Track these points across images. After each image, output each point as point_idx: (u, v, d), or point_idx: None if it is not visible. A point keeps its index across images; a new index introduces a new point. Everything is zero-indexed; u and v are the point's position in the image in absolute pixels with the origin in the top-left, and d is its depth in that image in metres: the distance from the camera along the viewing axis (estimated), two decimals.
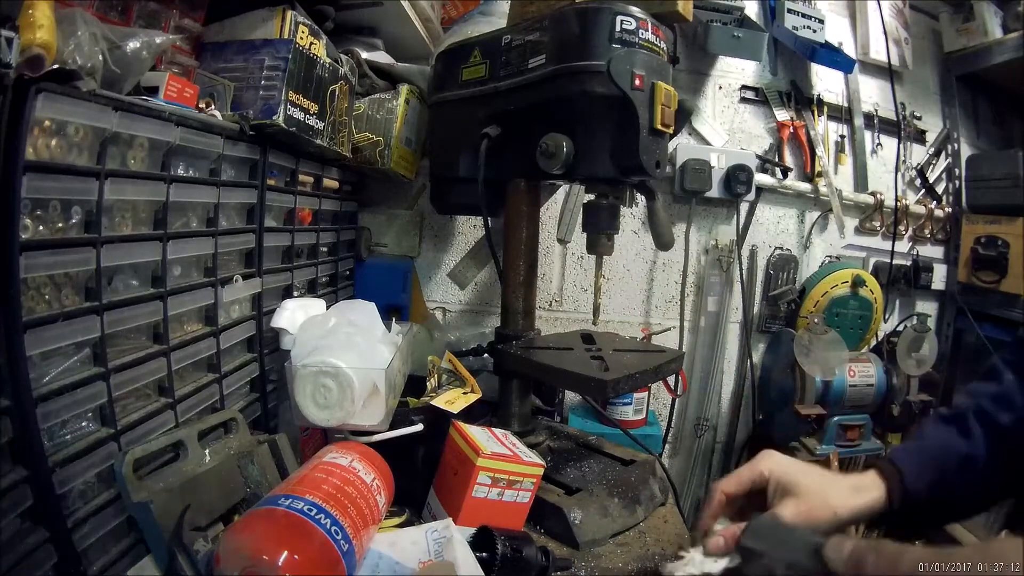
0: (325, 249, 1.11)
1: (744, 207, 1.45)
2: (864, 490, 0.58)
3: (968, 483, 0.57)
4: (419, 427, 0.75)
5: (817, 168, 1.46)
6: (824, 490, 0.56)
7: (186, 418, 0.66)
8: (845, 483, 0.58)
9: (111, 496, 0.55)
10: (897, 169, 1.52)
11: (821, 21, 1.41)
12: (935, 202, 1.57)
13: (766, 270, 1.48)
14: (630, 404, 1.26)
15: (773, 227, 1.49)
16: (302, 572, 0.45)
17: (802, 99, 1.48)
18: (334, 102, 0.90)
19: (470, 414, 0.85)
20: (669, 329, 1.42)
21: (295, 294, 0.94)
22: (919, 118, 1.58)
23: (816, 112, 1.48)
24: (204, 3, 0.77)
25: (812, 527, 0.53)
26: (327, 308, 0.87)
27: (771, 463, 0.59)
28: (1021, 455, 0.56)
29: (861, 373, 1.35)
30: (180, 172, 0.66)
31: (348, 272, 1.25)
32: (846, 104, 1.52)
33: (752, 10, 1.43)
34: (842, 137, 1.52)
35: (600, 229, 0.83)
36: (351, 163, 1.08)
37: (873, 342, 1.48)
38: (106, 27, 0.56)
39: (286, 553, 0.45)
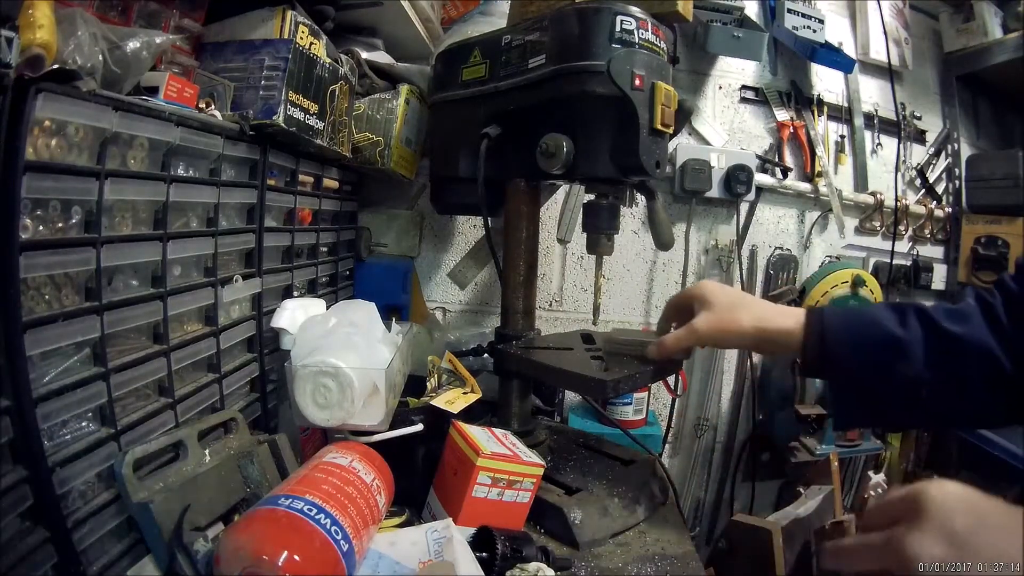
0: (325, 249, 1.11)
1: (744, 207, 1.46)
2: (780, 317, 0.61)
3: (890, 369, 0.55)
4: (419, 427, 0.75)
5: (817, 168, 1.46)
6: (736, 306, 0.62)
7: (186, 418, 0.66)
8: (763, 307, 0.62)
9: (111, 496, 0.55)
10: (897, 169, 1.52)
11: (821, 21, 1.41)
12: (935, 202, 1.58)
13: (766, 270, 1.48)
14: (630, 404, 1.26)
15: (773, 227, 1.49)
16: (302, 572, 0.45)
17: (802, 99, 1.48)
18: (334, 102, 0.90)
19: (470, 414, 0.85)
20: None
21: (295, 294, 0.94)
22: (919, 118, 1.58)
23: (816, 112, 1.48)
24: (204, 3, 0.77)
25: (720, 336, 0.62)
26: (327, 308, 0.87)
27: (703, 283, 0.67)
28: (961, 373, 0.53)
29: None
30: (180, 172, 0.66)
31: (348, 272, 1.25)
32: (846, 104, 1.52)
33: (752, 10, 1.43)
34: (842, 137, 1.52)
35: (600, 229, 0.83)
36: (351, 163, 1.08)
37: None
38: (106, 27, 0.56)
39: (286, 553, 0.45)
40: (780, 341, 0.61)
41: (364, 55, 1.09)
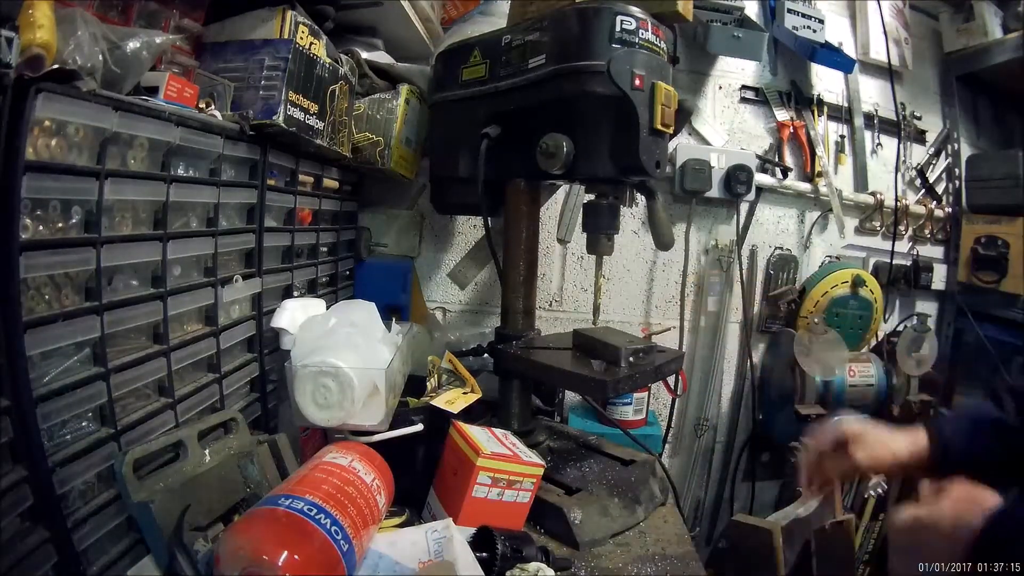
0: (325, 249, 1.11)
1: (744, 207, 1.45)
2: (913, 439, 0.71)
3: (1000, 444, 0.67)
4: (419, 427, 0.75)
5: (817, 168, 1.46)
6: (885, 439, 0.72)
7: (186, 418, 0.66)
8: (901, 434, 0.73)
9: (111, 496, 0.55)
10: (897, 169, 1.52)
11: (821, 21, 1.41)
12: (935, 202, 1.57)
13: (766, 270, 1.48)
14: (630, 404, 1.26)
15: (773, 227, 1.49)
16: (302, 572, 0.45)
17: (802, 99, 1.48)
18: (334, 102, 0.90)
19: (470, 414, 0.85)
20: (669, 329, 1.42)
21: (295, 294, 0.94)
22: (919, 118, 1.58)
23: (816, 112, 1.48)
24: (204, 3, 0.77)
25: (878, 466, 0.71)
26: (327, 308, 0.87)
27: (847, 423, 0.75)
28: None
29: (861, 373, 1.35)
30: (180, 172, 0.66)
31: (348, 272, 1.25)
32: (846, 104, 1.52)
33: (752, 10, 1.43)
34: (842, 137, 1.52)
35: (600, 229, 0.83)
36: (351, 163, 1.08)
37: (873, 342, 1.48)
38: (106, 27, 0.56)
39: (286, 553, 0.45)
40: (917, 460, 0.71)
41: (364, 55, 1.09)
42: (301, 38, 0.78)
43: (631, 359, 0.78)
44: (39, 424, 0.47)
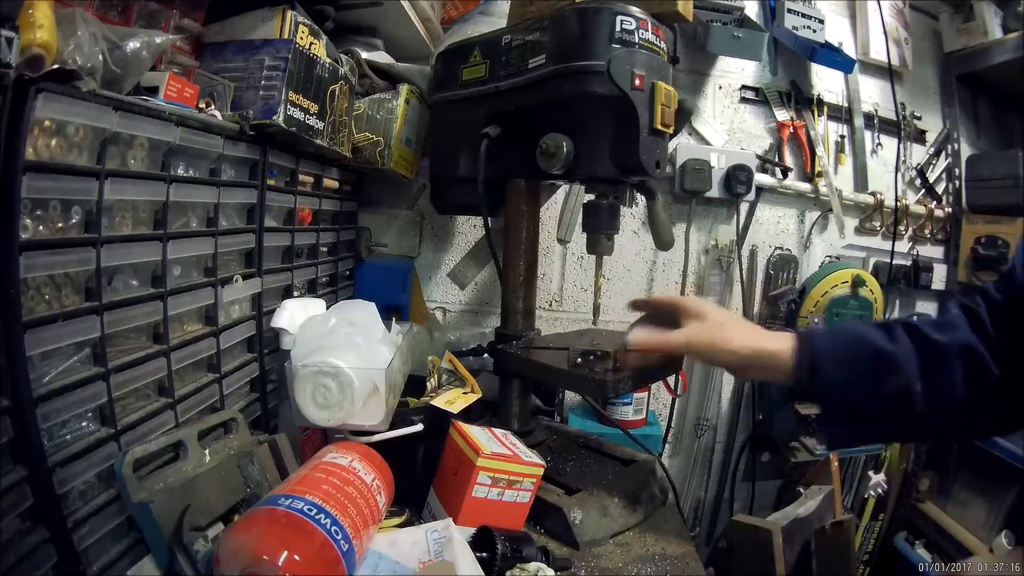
0: (325, 249, 1.11)
1: (744, 207, 1.45)
2: (771, 340, 0.60)
3: (882, 383, 0.55)
4: (419, 427, 0.75)
5: (817, 168, 1.46)
6: (728, 325, 0.61)
7: (186, 418, 0.66)
8: (754, 329, 0.62)
9: (111, 496, 0.55)
10: (897, 169, 1.52)
11: (821, 21, 1.41)
12: (935, 202, 1.57)
13: (766, 270, 1.48)
14: (630, 404, 1.26)
15: (773, 227, 1.49)
16: (302, 572, 0.45)
17: (802, 99, 1.48)
18: (334, 102, 0.90)
19: (470, 414, 0.85)
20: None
21: (295, 294, 0.94)
22: (919, 118, 1.58)
23: (816, 112, 1.48)
24: (204, 3, 0.77)
25: (708, 351, 0.61)
26: (327, 308, 0.87)
27: (694, 298, 0.66)
28: (951, 381, 0.54)
29: None
30: (180, 172, 0.66)
31: (348, 272, 1.25)
32: (846, 104, 1.52)
33: (752, 10, 1.43)
34: (842, 137, 1.52)
35: (600, 229, 0.83)
36: (351, 163, 1.08)
37: None
38: (106, 27, 0.56)
39: (286, 553, 0.45)
40: (769, 364, 0.60)
41: (364, 55, 1.09)
42: (301, 38, 0.78)
43: (578, 360, 0.77)
44: (39, 424, 0.47)
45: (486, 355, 0.99)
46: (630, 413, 1.26)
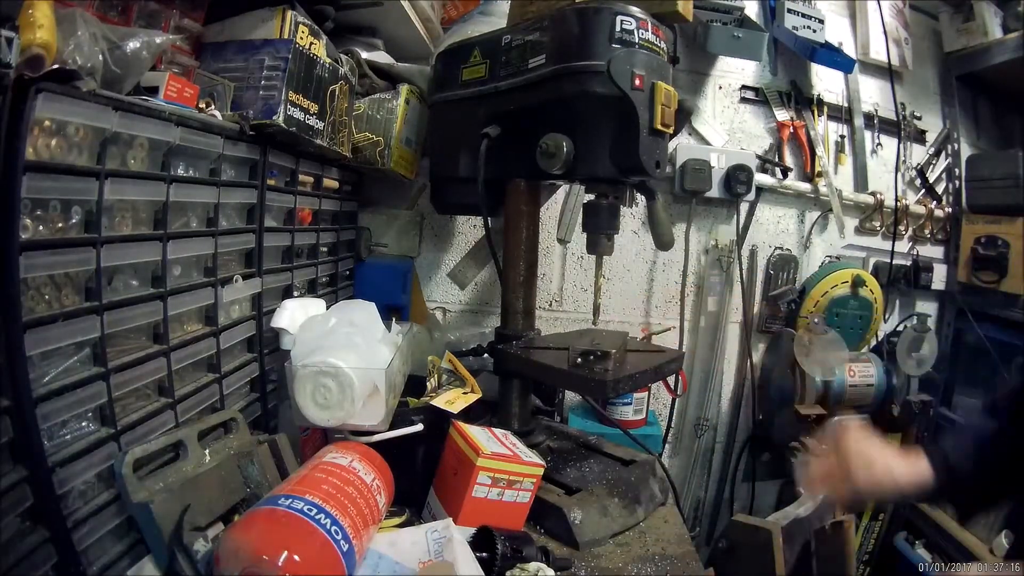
0: (325, 249, 1.11)
1: (744, 207, 1.45)
2: (915, 465, 0.70)
3: (1003, 456, 0.67)
4: (419, 427, 0.75)
5: (817, 168, 1.46)
6: (888, 463, 0.71)
7: (186, 418, 0.66)
8: (901, 459, 0.71)
9: (111, 496, 0.55)
10: (897, 169, 1.52)
11: (821, 21, 1.41)
12: (935, 202, 1.57)
13: (766, 270, 1.48)
14: (630, 404, 1.26)
15: (773, 227, 1.49)
16: (302, 572, 0.45)
17: (802, 99, 1.48)
18: (334, 102, 0.90)
19: (470, 414, 0.85)
20: (669, 329, 1.42)
21: (295, 294, 0.94)
22: (919, 118, 1.58)
23: (816, 112, 1.48)
24: (204, 3, 0.77)
25: (876, 492, 0.71)
26: (327, 308, 0.87)
27: (849, 429, 0.74)
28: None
29: (861, 373, 1.35)
30: (180, 172, 0.66)
31: (348, 272, 1.25)
32: (846, 104, 1.52)
33: (752, 10, 1.43)
34: (842, 137, 1.52)
35: (600, 229, 0.83)
36: (351, 163, 1.08)
37: (873, 342, 1.48)
38: (106, 27, 0.56)
39: (286, 553, 0.45)
40: (918, 484, 0.70)
41: (364, 55, 1.09)
42: (301, 38, 0.78)
43: (578, 360, 0.78)
44: (39, 424, 0.47)
45: (486, 355, 0.99)
46: (630, 413, 1.26)
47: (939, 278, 1.54)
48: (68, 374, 0.51)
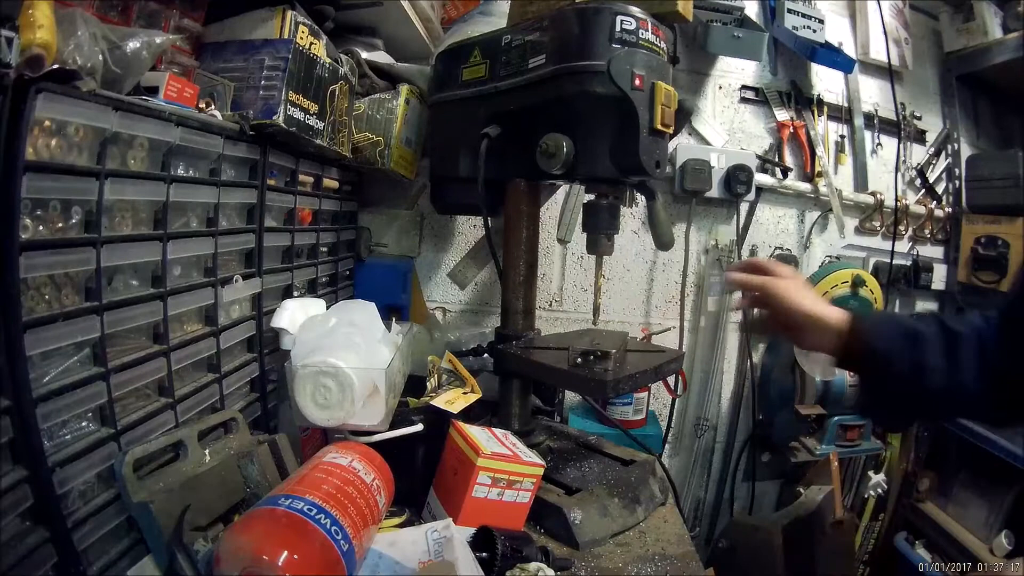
0: (325, 249, 1.11)
1: (744, 207, 1.45)
2: (831, 310, 0.70)
3: (910, 353, 0.64)
4: (419, 427, 0.75)
5: (817, 168, 1.46)
6: (806, 290, 0.71)
7: (186, 418, 0.66)
8: (820, 298, 0.72)
9: (111, 496, 0.55)
10: (897, 169, 1.51)
11: (821, 21, 1.41)
12: (935, 202, 1.57)
13: None
14: (630, 404, 1.26)
15: (773, 227, 1.49)
16: (302, 572, 0.45)
17: (802, 99, 1.48)
18: (334, 102, 0.90)
19: (470, 414, 0.85)
20: (669, 329, 1.42)
21: (295, 294, 0.94)
22: (919, 118, 1.58)
23: (816, 112, 1.48)
24: (204, 3, 0.77)
25: (784, 306, 0.70)
26: (327, 308, 0.87)
27: (787, 266, 0.76)
28: (962, 364, 0.62)
29: None
30: (180, 172, 0.66)
31: (348, 272, 1.25)
32: (846, 104, 1.52)
33: (752, 10, 1.43)
34: (842, 137, 1.52)
35: (600, 229, 0.83)
36: (351, 163, 1.08)
37: None
38: (106, 27, 0.56)
39: (286, 553, 0.45)
40: (825, 329, 0.69)
41: (364, 55, 1.09)
42: (301, 38, 0.78)
43: (578, 360, 0.78)
44: (39, 424, 0.47)
45: (486, 355, 0.99)
46: (630, 413, 1.26)
47: (939, 278, 1.54)
48: (68, 374, 0.51)
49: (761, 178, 1.43)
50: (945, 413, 0.79)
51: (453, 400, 0.81)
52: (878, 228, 1.53)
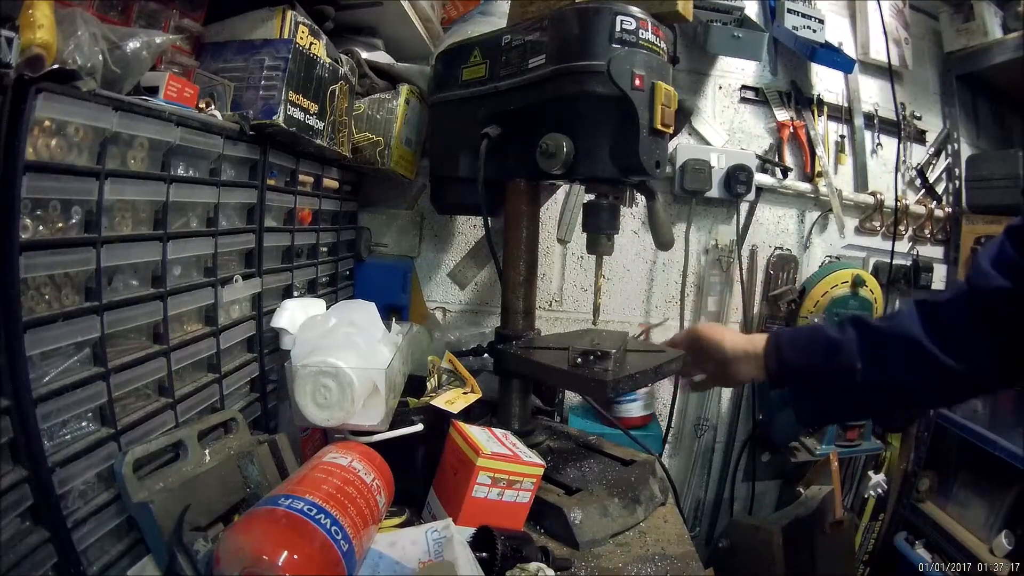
0: (325, 249, 1.11)
1: (744, 207, 1.45)
2: (750, 340, 0.78)
3: (830, 364, 0.69)
4: (419, 427, 0.75)
5: (817, 168, 1.46)
6: (726, 331, 0.82)
7: (186, 418, 0.66)
8: (740, 335, 0.81)
9: (111, 496, 0.55)
10: (897, 169, 1.52)
11: (821, 21, 1.41)
12: (935, 202, 1.58)
13: (766, 270, 1.48)
14: (637, 401, 1.25)
15: (773, 227, 1.49)
16: (302, 572, 0.45)
17: (802, 99, 1.48)
18: (334, 102, 0.90)
19: (470, 414, 0.85)
20: (665, 320, 1.42)
21: (295, 294, 0.94)
22: (919, 118, 1.58)
23: (816, 112, 1.48)
24: (204, 3, 0.77)
25: (713, 346, 0.81)
26: (327, 308, 0.87)
27: (703, 325, 0.86)
28: (887, 357, 0.66)
29: None
30: (180, 172, 0.66)
31: (348, 272, 1.25)
32: (846, 104, 1.52)
33: (752, 10, 1.43)
34: (842, 137, 1.52)
35: (600, 229, 0.83)
36: (351, 163, 1.08)
37: None
38: (106, 27, 0.56)
39: (286, 553, 0.45)
40: (749, 357, 0.77)
41: (364, 55, 1.09)
42: (301, 38, 0.78)
43: (578, 360, 0.78)
44: (39, 424, 0.47)
45: (486, 355, 0.99)
46: (637, 410, 1.25)
47: (939, 278, 1.54)
48: (68, 374, 0.51)
49: (761, 178, 1.43)
50: (881, 408, 0.88)
51: (453, 400, 0.81)
52: (878, 228, 1.53)
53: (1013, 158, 1.40)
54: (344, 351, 0.70)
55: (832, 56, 1.37)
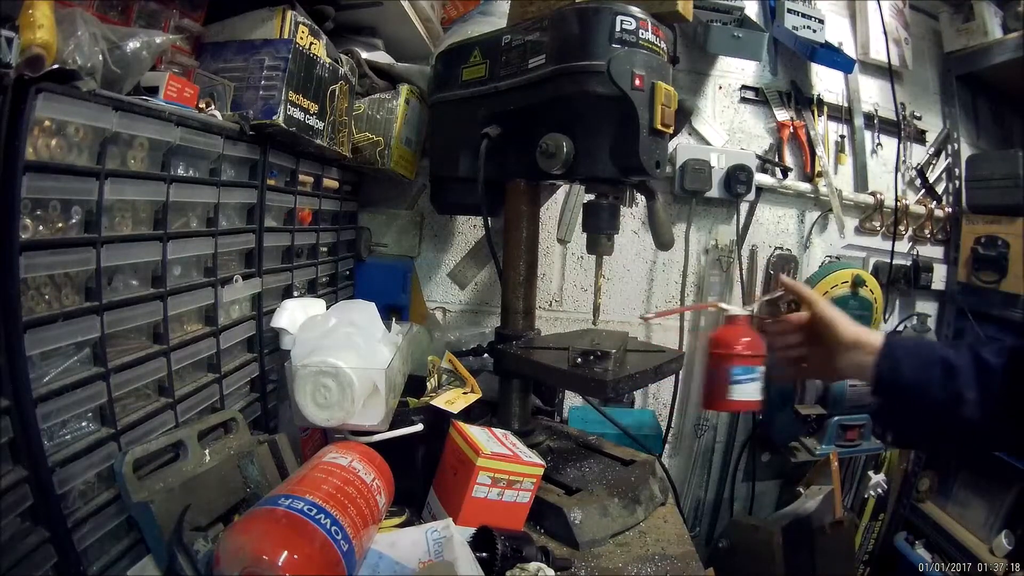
0: (325, 249, 1.11)
1: (744, 207, 1.45)
2: (870, 333, 0.70)
3: (945, 385, 0.63)
4: (419, 427, 0.75)
5: (817, 168, 1.46)
6: (839, 316, 0.72)
7: (186, 418, 0.66)
8: (855, 323, 0.72)
9: (111, 496, 0.55)
10: (897, 169, 1.51)
11: (821, 21, 1.41)
12: (935, 202, 1.57)
13: (766, 270, 1.48)
14: (756, 378, 1.18)
15: (773, 227, 1.49)
16: (302, 572, 0.45)
17: (802, 99, 1.48)
18: (334, 102, 0.90)
19: (470, 414, 0.85)
20: (668, 313, 1.42)
21: (295, 294, 0.94)
22: (919, 118, 1.58)
23: (816, 112, 1.48)
24: (204, 3, 0.77)
25: (829, 326, 0.71)
26: (327, 308, 0.87)
27: (824, 302, 0.75)
28: (998, 396, 0.61)
29: None
30: (180, 172, 0.66)
31: (348, 272, 1.25)
32: (846, 104, 1.52)
33: (752, 10, 1.43)
34: (842, 137, 1.52)
35: (600, 229, 0.83)
36: (351, 163, 1.08)
37: None
38: (106, 27, 0.56)
39: (286, 553, 0.45)
40: (862, 356, 0.69)
41: (364, 55, 1.09)
42: (301, 38, 0.78)
43: (578, 360, 0.78)
44: (39, 424, 0.47)
45: (486, 355, 0.99)
46: (754, 392, 1.19)
47: (939, 278, 1.54)
48: (68, 374, 0.51)
49: (761, 178, 1.43)
50: (978, 444, 0.77)
51: (453, 400, 0.81)
52: (878, 228, 1.53)
53: (1013, 158, 1.40)
54: (344, 351, 0.70)
55: (832, 56, 1.37)
